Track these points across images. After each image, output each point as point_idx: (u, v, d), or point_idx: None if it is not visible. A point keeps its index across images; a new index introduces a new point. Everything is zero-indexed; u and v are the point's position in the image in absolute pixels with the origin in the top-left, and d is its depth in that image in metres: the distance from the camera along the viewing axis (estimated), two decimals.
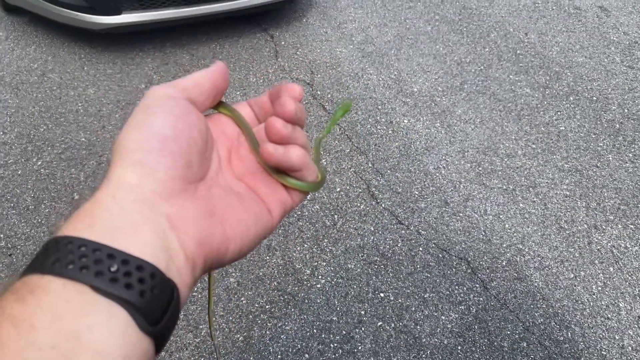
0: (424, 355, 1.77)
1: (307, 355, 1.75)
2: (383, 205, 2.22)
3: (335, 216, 2.18)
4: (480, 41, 3.22)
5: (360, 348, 1.78)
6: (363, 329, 1.83)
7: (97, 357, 0.30)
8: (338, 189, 2.28)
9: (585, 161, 2.47)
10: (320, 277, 1.97)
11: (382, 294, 1.92)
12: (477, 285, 1.96)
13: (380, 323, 1.84)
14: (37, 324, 0.29)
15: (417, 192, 2.27)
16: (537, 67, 3.03)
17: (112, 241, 0.33)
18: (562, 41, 3.26)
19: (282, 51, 3.10)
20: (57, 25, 3.04)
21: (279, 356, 1.75)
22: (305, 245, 2.07)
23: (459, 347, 1.79)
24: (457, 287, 1.95)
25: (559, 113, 2.72)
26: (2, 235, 2.03)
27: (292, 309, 1.87)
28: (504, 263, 2.03)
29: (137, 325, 0.32)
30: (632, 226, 2.19)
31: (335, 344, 1.78)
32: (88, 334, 0.30)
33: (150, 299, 0.33)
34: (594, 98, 2.84)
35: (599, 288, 1.97)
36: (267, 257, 2.03)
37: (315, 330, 1.82)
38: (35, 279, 0.32)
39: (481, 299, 1.92)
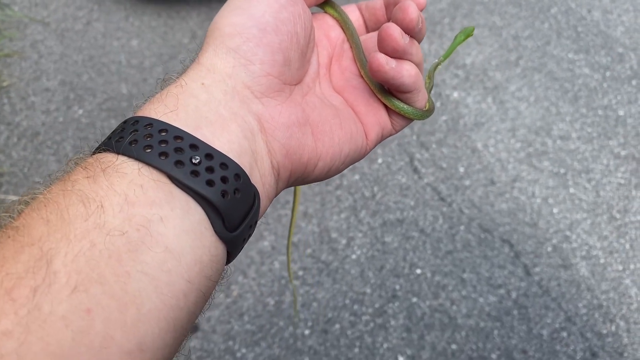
0: (458, 336, 1.70)
1: (338, 325, 1.71)
2: (425, 180, 2.14)
3: (375, 188, 2.11)
4: (540, 16, 3.05)
5: (392, 323, 1.73)
6: (397, 304, 1.77)
7: (168, 255, 0.25)
8: (380, 161, 2.21)
9: None
10: (355, 247, 1.92)
11: (418, 270, 1.86)
12: (519, 270, 1.88)
13: (415, 299, 1.79)
14: (107, 206, 0.25)
15: (462, 169, 2.18)
16: (598, 46, 2.86)
17: (195, 131, 0.29)
18: (628, 21, 3.06)
19: None
20: None
21: (309, 323, 1.71)
22: (342, 215, 2.01)
23: (496, 331, 1.72)
24: (497, 270, 1.87)
25: (619, 97, 2.56)
26: (41, 180, 2.03)
27: (325, 278, 1.83)
28: (549, 249, 1.94)
29: (213, 228, 0.28)
30: None
31: (368, 317, 1.74)
32: (160, 227, 0.26)
33: (231, 201, 0.28)
34: None
35: None
36: (303, 224, 1.98)
37: (347, 301, 1.77)
38: (109, 157, 0.28)
39: (522, 284, 1.84)
